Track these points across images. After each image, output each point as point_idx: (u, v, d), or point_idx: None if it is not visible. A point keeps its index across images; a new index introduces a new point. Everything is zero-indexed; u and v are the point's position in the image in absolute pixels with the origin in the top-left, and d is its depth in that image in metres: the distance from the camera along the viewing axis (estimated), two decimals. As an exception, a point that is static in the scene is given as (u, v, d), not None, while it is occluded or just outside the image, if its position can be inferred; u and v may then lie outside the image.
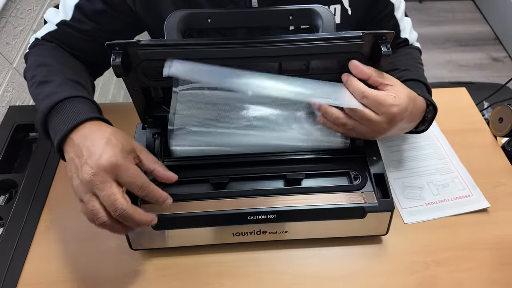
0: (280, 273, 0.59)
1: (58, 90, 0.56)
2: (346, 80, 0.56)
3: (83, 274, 0.59)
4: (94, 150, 0.48)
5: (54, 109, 0.54)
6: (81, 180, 0.47)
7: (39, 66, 0.62)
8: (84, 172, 0.47)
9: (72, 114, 0.53)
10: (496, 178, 0.71)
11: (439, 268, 0.60)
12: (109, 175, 0.47)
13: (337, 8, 0.67)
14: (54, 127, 0.53)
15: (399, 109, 0.54)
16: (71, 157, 0.49)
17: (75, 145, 0.50)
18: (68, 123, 0.51)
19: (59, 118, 0.53)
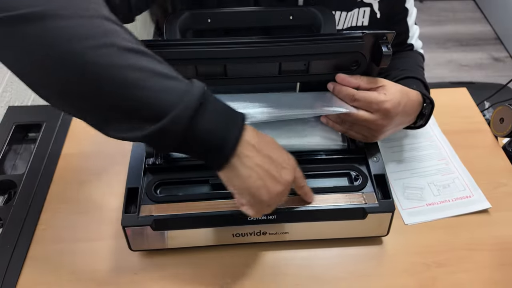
0: (280, 274, 0.59)
1: (174, 73, 0.41)
2: (333, 88, 0.58)
3: (82, 275, 0.59)
4: (281, 152, 0.47)
5: (202, 105, 0.40)
6: (284, 183, 0.46)
7: (98, 18, 0.39)
8: (287, 174, 0.46)
9: (229, 110, 0.43)
10: (497, 179, 0.71)
11: (439, 269, 0.59)
12: (295, 174, 0.49)
13: (366, 11, 0.68)
14: (216, 128, 0.41)
15: (391, 104, 0.55)
16: (257, 163, 0.43)
17: (256, 148, 0.44)
18: (235, 122, 0.42)
19: (217, 117, 0.41)
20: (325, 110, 0.57)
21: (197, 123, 0.39)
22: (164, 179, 0.59)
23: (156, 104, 0.38)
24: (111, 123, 0.40)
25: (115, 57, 0.37)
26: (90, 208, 0.67)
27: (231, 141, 0.41)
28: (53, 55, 0.36)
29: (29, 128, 0.81)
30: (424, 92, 0.63)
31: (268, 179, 0.44)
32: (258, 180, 0.44)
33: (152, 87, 0.38)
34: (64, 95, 0.39)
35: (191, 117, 0.39)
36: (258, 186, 0.44)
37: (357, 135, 0.60)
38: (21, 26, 0.36)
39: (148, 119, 0.38)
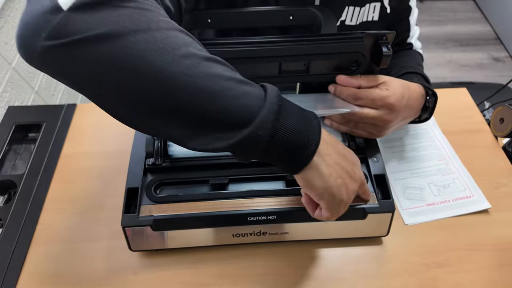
0: (280, 275, 0.59)
1: (249, 80, 0.42)
2: (334, 90, 0.58)
3: (82, 275, 0.59)
4: (348, 150, 0.48)
5: (281, 107, 0.40)
6: (358, 179, 0.47)
7: (173, 30, 0.38)
8: (358, 171, 0.48)
9: (303, 111, 0.43)
10: (497, 179, 0.71)
11: (439, 269, 0.59)
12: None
13: (376, 6, 0.68)
14: (298, 129, 0.40)
15: (395, 98, 0.56)
16: (337, 161, 0.44)
17: (333, 146, 0.44)
18: (312, 122, 0.42)
19: (296, 118, 0.41)
20: (328, 111, 0.57)
21: (280, 126, 0.39)
22: (164, 179, 0.59)
23: (240, 111, 0.38)
24: (197, 136, 0.39)
25: (195, 67, 0.37)
26: (90, 208, 0.67)
27: (314, 139, 0.41)
28: (134, 71, 0.35)
29: (29, 128, 0.81)
30: (425, 85, 0.63)
31: (346, 177, 0.45)
32: (338, 179, 0.44)
33: (235, 95, 0.38)
34: (150, 113, 0.38)
35: (275, 120, 0.39)
36: (339, 185, 0.44)
37: (363, 132, 0.60)
38: (99, 46, 0.35)
39: (234, 127, 0.38)
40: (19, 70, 0.91)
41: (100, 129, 0.79)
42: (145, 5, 0.37)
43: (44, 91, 1.25)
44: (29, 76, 1.12)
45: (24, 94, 0.94)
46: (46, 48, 0.35)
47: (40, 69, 0.38)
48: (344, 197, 0.45)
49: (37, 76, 1.20)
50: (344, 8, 0.66)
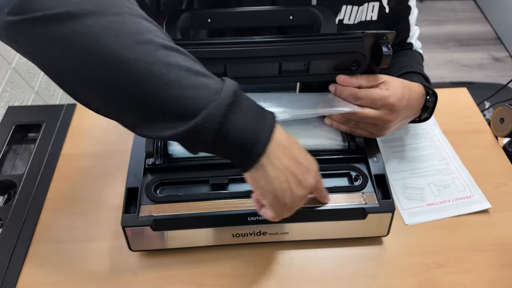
0: (280, 274, 0.59)
1: (205, 71, 0.41)
2: (334, 90, 0.58)
3: (81, 275, 0.59)
4: (307, 155, 0.46)
5: (234, 102, 0.40)
6: (308, 187, 0.46)
7: (135, 16, 0.39)
8: (311, 178, 0.46)
9: (260, 110, 0.42)
10: (497, 179, 0.71)
11: (439, 270, 0.59)
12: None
13: (375, 6, 0.68)
14: (247, 127, 0.40)
15: (395, 98, 0.56)
16: (286, 164, 0.43)
17: (286, 149, 0.43)
18: (267, 122, 0.42)
19: (248, 115, 0.41)
20: (329, 111, 0.57)
21: (229, 121, 0.39)
22: (164, 179, 0.59)
23: (190, 102, 0.38)
24: (146, 122, 0.39)
25: (153, 55, 0.37)
26: (90, 208, 0.67)
27: (263, 140, 0.41)
28: (92, 53, 0.36)
29: (29, 128, 0.81)
30: (426, 84, 0.63)
31: (293, 182, 0.44)
32: (284, 183, 0.43)
33: (188, 85, 0.38)
34: (102, 96, 0.39)
35: (224, 114, 0.38)
36: (283, 189, 0.43)
37: (363, 132, 0.60)
38: (58, 25, 0.35)
39: (182, 117, 0.38)
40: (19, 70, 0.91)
41: (100, 129, 0.79)
42: None
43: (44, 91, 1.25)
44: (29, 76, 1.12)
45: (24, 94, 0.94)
46: (9, 23, 0.35)
47: (7, 44, 0.39)
48: (287, 201, 0.44)
49: (37, 76, 1.20)
50: (341, 7, 0.66)
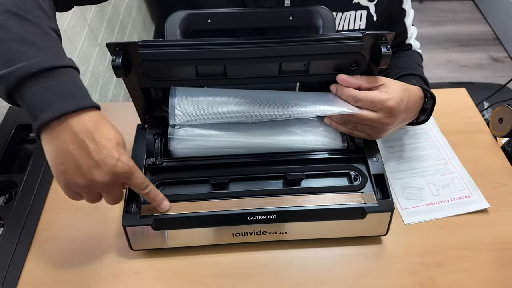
0: (280, 274, 0.59)
1: (43, 45, 0.45)
2: (335, 90, 0.59)
3: (83, 274, 0.59)
4: (108, 153, 0.45)
5: (41, 75, 0.43)
6: (90, 180, 0.45)
7: None
8: (97, 174, 0.45)
9: (70, 93, 0.44)
10: (496, 179, 0.71)
11: (438, 269, 0.60)
12: (121, 179, 0.48)
13: (363, 14, 0.68)
14: (39, 98, 0.43)
15: (394, 101, 0.56)
16: (69, 149, 0.43)
17: (77, 137, 0.43)
18: (66, 103, 0.43)
19: (49, 91, 0.43)
20: (329, 111, 0.58)
21: (24, 87, 0.42)
22: (164, 179, 0.59)
23: (4, 60, 0.43)
24: None
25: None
26: (91, 208, 0.66)
27: (45, 115, 0.42)
28: None
29: (30, 128, 0.81)
30: (424, 87, 0.64)
31: (72, 168, 0.44)
32: (61, 165, 0.44)
33: (11, 47, 0.43)
34: None
35: (20, 79, 0.42)
36: (59, 170, 0.45)
37: (361, 134, 0.60)
38: None
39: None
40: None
41: (101, 129, 0.79)
42: None
43: (44, 91, 1.24)
44: (29, 76, 1.10)
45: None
46: None
47: None
48: (61, 183, 0.46)
49: (37, 76, 1.18)
50: None
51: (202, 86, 0.60)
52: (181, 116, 0.57)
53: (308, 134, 0.62)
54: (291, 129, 0.62)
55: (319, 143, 0.61)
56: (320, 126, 0.63)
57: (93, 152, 0.44)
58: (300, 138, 0.61)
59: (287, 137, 0.61)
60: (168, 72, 0.57)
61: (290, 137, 0.61)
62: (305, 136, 0.61)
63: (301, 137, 0.61)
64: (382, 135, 0.60)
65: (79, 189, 0.47)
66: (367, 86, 0.57)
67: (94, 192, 0.48)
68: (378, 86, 0.57)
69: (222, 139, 0.60)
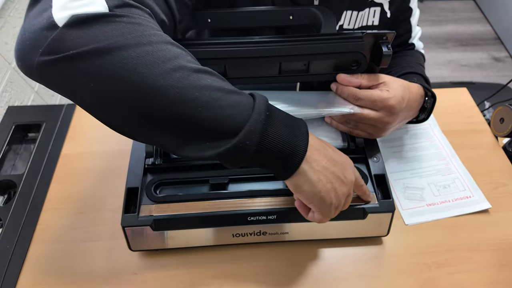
0: (280, 275, 0.59)
1: (232, 87, 0.42)
2: (336, 89, 0.58)
3: (81, 275, 0.59)
4: (341, 156, 0.48)
5: (267, 116, 0.41)
6: (349, 183, 0.47)
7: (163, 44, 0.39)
8: (350, 175, 0.48)
9: (291, 118, 0.44)
10: (497, 179, 0.71)
11: (440, 269, 0.59)
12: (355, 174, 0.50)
13: (376, 11, 0.68)
14: (285, 138, 0.42)
15: (395, 100, 0.56)
16: (325, 166, 0.45)
17: (321, 152, 0.45)
18: (299, 129, 0.44)
19: (282, 127, 0.42)
20: (330, 111, 0.57)
21: (268, 135, 0.40)
22: (164, 179, 0.59)
23: (228, 121, 0.39)
24: (187, 144, 0.40)
25: (185, 80, 0.38)
26: (90, 208, 0.67)
27: (301, 147, 0.42)
28: (127, 84, 0.37)
29: (29, 128, 0.81)
30: (425, 85, 0.63)
31: (335, 181, 0.45)
32: (328, 184, 0.44)
33: (223, 105, 0.39)
34: (143, 124, 0.40)
35: (262, 129, 0.40)
36: (328, 189, 0.45)
37: (362, 133, 0.60)
38: (93, 61, 0.36)
39: (222, 136, 0.39)
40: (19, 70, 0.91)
41: (100, 129, 0.79)
42: (137, 19, 0.39)
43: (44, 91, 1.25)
44: (29, 76, 1.11)
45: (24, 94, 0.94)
46: (43, 63, 0.36)
47: (40, 83, 0.39)
48: (333, 200, 0.46)
49: (37, 76, 1.18)
50: (342, 12, 0.66)
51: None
52: None
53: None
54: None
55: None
56: (320, 125, 0.62)
57: (335, 158, 0.46)
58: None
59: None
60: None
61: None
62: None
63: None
64: (383, 134, 0.60)
65: (343, 199, 0.47)
66: (367, 84, 0.57)
67: (350, 196, 0.49)
68: (378, 84, 0.57)
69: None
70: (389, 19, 0.69)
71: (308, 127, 0.61)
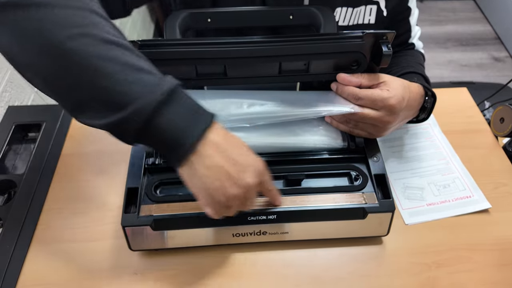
0: (280, 274, 0.59)
1: (148, 68, 0.42)
2: (336, 88, 0.58)
3: (82, 275, 0.59)
4: (248, 155, 0.46)
5: (167, 100, 0.41)
6: (244, 186, 0.45)
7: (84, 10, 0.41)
8: (248, 177, 0.45)
9: (196, 109, 0.43)
10: (497, 179, 0.71)
11: (440, 269, 0.59)
12: (263, 177, 0.48)
13: (373, 9, 0.68)
14: (176, 125, 0.41)
15: (396, 100, 0.56)
16: (218, 163, 0.43)
17: (220, 148, 0.43)
18: (199, 119, 0.43)
19: (180, 114, 0.41)
20: (330, 111, 0.57)
21: (160, 116, 0.40)
22: (164, 179, 0.59)
23: (123, 95, 0.40)
24: (84, 110, 0.41)
25: (92, 47, 0.39)
26: (90, 208, 0.67)
27: (191, 138, 0.42)
28: (38, 41, 0.38)
29: (29, 128, 0.81)
30: (425, 85, 0.63)
31: (227, 181, 0.44)
32: (216, 181, 0.43)
33: (122, 78, 0.40)
34: (45, 79, 0.41)
35: (154, 110, 0.40)
36: (216, 187, 0.44)
37: (362, 132, 0.60)
38: (12, 12, 0.38)
39: (114, 108, 0.40)
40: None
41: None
42: None
43: (44, 91, 1.23)
44: (29, 76, 1.10)
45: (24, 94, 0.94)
46: None
47: None
48: (221, 199, 0.44)
49: (37, 76, 1.18)
50: (335, 9, 0.66)
51: (202, 85, 0.60)
52: None
53: (309, 133, 0.61)
54: (291, 128, 0.61)
55: (320, 142, 0.61)
56: (320, 125, 0.63)
57: (236, 157, 0.44)
58: (300, 137, 0.61)
59: (287, 137, 0.61)
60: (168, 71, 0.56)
61: (290, 136, 0.61)
62: (305, 136, 0.61)
63: (302, 136, 0.61)
64: (383, 133, 0.60)
65: (234, 201, 0.46)
66: (367, 84, 0.57)
67: (246, 199, 0.47)
68: (379, 83, 0.57)
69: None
70: (385, 18, 0.69)
71: (308, 126, 0.62)
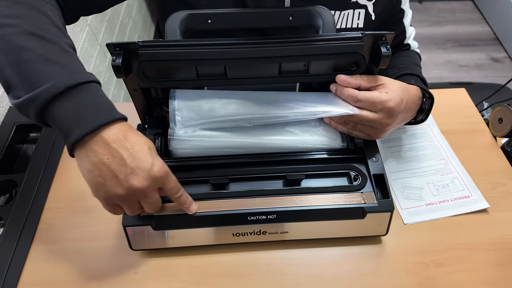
0: (280, 274, 0.59)
1: (64, 62, 0.46)
2: (335, 90, 0.59)
3: (83, 274, 0.59)
4: (142, 158, 0.45)
5: (68, 93, 0.44)
6: (128, 188, 0.45)
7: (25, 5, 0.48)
8: (135, 180, 0.45)
9: (98, 107, 0.45)
10: (495, 179, 0.71)
11: (438, 269, 0.60)
12: (158, 184, 0.48)
13: (361, 13, 0.68)
14: (69, 117, 0.44)
15: (394, 102, 0.56)
16: (103, 160, 0.44)
17: (110, 147, 0.44)
18: (96, 117, 0.44)
19: (78, 108, 0.44)
20: (329, 112, 0.58)
21: (53, 106, 0.44)
22: (164, 179, 0.59)
23: (25, 82, 0.44)
24: (8, 92, 0.47)
25: (10, 37, 0.45)
26: (91, 208, 0.67)
27: (78, 131, 0.43)
28: None
29: (30, 128, 0.81)
30: (423, 87, 0.64)
31: (110, 179, 0.45)
32: (98, 177, 0.45)
33: (30, 68, 0.44)
34: None
35: (48, 100, 0.43)
36: (97, 183, 0.45)
37: (361, 134, 0.60)
38: None
39: (22, 92, 0.44)
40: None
41: (101, 129, 0.79)
42: None
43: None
44: (29, 76, 1.10)
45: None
46: None
47: None
48: (102, 195, 0.46)
49: (37, 76, 1.18)
50: None
51: (202, 86, 0.60)
52: (182, 122, 0.58)
53: (308, 134, 0.62)
54: (291, 129, 0.62)
55: (319, 143, 0.61)
56: (319, 126, 0.63)
57: (127, 159, 0.45)
58: (300, 138, 0.61)
59: (287, 137, 0.61)
60: (168, 72, 0.57)
61: (290, 137, 0.61)
62: (304, 136, 0.61)
63: (301, 137, 0.61)
64: (381, 135, 0.60)
65: (118, 200, 0.47)
66: (366, 85, 0.57)
67: (134, 201, 0.48)
68: (377, 86, 0.57)
69: (222, 139, 0.60)
70: (374, 22, 0.70)
71: (308, 127, 0.62)
